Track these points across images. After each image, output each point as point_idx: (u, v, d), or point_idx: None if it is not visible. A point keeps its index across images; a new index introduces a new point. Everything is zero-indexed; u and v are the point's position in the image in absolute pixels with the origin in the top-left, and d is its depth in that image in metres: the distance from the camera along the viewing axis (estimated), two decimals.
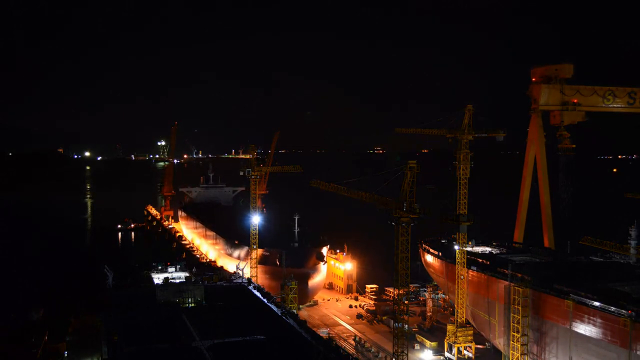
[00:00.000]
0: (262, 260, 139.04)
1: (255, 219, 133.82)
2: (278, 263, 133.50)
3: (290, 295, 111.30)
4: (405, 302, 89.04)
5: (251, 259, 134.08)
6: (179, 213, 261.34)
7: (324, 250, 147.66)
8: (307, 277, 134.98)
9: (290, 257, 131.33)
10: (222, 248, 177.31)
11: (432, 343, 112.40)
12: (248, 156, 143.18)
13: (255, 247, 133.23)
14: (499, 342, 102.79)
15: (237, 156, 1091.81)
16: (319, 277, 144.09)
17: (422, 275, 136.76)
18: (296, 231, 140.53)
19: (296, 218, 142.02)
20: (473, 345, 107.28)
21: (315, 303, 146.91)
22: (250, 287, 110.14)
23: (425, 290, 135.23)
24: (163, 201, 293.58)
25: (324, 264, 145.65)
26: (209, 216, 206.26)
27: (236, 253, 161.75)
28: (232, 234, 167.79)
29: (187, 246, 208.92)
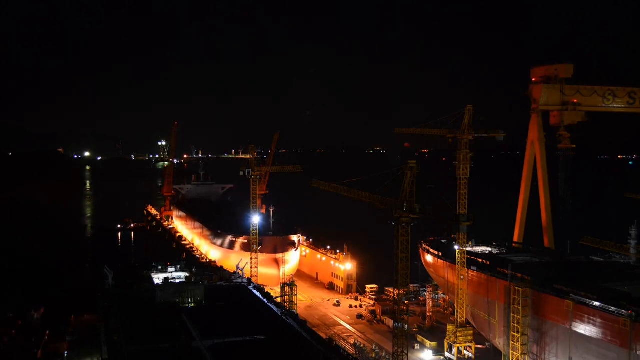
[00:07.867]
0: (244, 247, 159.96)
1: (256, 219, 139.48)
2: (255, 248, 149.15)
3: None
4: (405, 302, 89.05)
5: (251, 258, 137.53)
6: (172, 208, 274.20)
7: (295, 237, 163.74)
8: (279, 261, 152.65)
9: (265, 244, 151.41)
10: (207, 237, 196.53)
11: (432, 343, 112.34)
12: (248, 156, 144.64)
13: (255, 246, 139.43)
14: (499, 342, 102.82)
15: (237, 156, 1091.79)
16: (291, 261, 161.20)
17: (422, 275, 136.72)
18: (271, 222, 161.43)
19: (271, 210, 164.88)
20: (473, 345, 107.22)
21: None
22: (250, 287, 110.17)
23: (425, 290, 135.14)
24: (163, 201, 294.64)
25: (295, 250, 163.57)
26: (198, 210, 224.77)
27: (219, 241, 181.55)
28: (216, 225, 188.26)
29: (187, 246, 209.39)
